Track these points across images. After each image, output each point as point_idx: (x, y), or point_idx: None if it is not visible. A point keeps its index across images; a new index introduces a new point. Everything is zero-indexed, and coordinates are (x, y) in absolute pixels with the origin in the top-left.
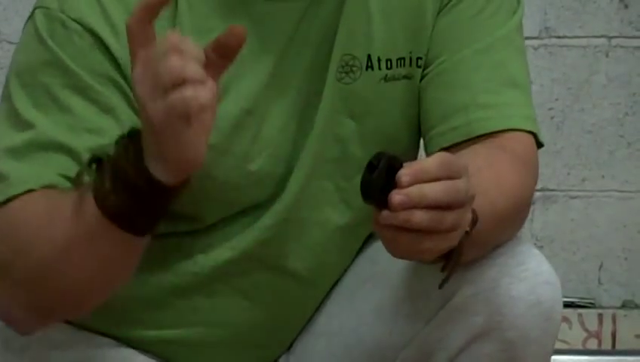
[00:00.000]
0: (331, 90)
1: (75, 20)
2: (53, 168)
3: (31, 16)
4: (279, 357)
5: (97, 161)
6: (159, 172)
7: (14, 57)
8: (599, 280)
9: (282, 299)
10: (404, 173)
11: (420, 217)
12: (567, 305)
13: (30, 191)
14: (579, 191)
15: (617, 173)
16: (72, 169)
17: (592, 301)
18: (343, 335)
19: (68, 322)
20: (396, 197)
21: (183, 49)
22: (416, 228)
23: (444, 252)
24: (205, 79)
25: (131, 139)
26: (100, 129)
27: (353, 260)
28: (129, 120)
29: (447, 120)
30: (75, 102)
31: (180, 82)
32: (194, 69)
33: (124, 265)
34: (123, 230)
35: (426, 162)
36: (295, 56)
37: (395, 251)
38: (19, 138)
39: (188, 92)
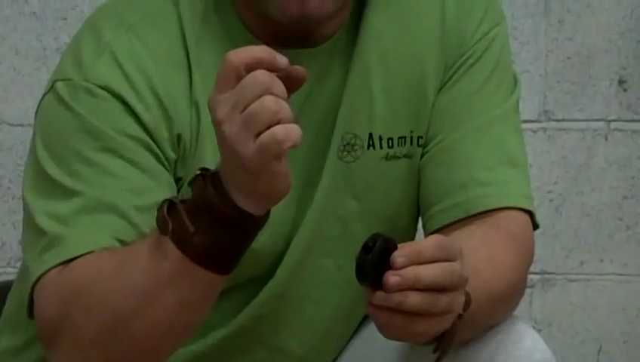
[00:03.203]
0: (332, 168)
1: (101, 87)
2: (108, 231)
3: (49, 91)
4: None
5: (168, 205)
6: (248, 205)
7: (38, 132)
8: None
9: None
10: (400, 255)
11: (414, 299)
12: None
13: (89, 252)
14: (577, 274)
15: (616, 256)
16: (125, 230)
17: None
18: None
19: None
20: (392, 278)
21: (274, 90)
22: (409, 311)
23: (437, 334)
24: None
25: (206, 178)
26: (143, 188)
27: (350, 339)
28: (166, 180)
29: (447, 197)
30: (113, 163)
31: (275, 123)
32: (287, 110)
33: (203, 307)
34: (209, 270)
35: (422, 244)
36: None
37: (388, 333)
38: (64, 206)
39: (281, 132)
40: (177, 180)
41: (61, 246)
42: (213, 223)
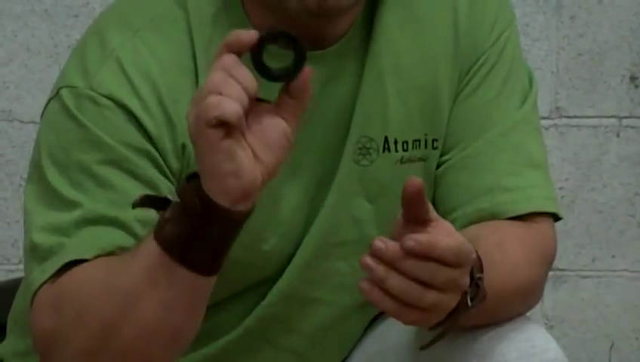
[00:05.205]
0: (347, 171)
1: (105, 96)
2: (109, 240)
3: (55, 96)
4: None
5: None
6: (213, 192)
7: (42, 138)
8: (610, 360)
9: None
10: (413, 239)
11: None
12: None
13: (86, 260)
14: (589, 270)
15: (628, 252)
16: (127, 241)
17: None
18: None
19: None
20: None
21: (231, 70)
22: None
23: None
24: (242, 101)
25: (193, 174)
26: None
27: (361, 338)
28: (168, 191)
29: (472, 202)
30: (114, 176)
31: (215, 93)
32: (232, 85)
33: (188, 313)
34: (178, 262)
35: (442, 242)
36: (310, 134)
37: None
38: (66, 217)
39: (212, 99)
40: None
41: (61, 253)
42: (182, 211)
